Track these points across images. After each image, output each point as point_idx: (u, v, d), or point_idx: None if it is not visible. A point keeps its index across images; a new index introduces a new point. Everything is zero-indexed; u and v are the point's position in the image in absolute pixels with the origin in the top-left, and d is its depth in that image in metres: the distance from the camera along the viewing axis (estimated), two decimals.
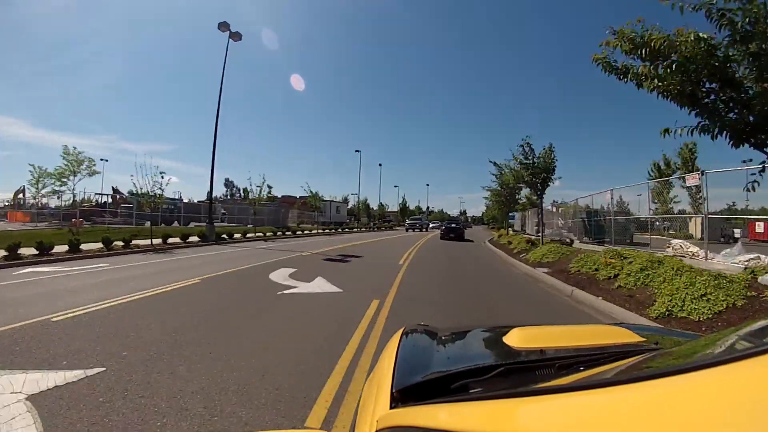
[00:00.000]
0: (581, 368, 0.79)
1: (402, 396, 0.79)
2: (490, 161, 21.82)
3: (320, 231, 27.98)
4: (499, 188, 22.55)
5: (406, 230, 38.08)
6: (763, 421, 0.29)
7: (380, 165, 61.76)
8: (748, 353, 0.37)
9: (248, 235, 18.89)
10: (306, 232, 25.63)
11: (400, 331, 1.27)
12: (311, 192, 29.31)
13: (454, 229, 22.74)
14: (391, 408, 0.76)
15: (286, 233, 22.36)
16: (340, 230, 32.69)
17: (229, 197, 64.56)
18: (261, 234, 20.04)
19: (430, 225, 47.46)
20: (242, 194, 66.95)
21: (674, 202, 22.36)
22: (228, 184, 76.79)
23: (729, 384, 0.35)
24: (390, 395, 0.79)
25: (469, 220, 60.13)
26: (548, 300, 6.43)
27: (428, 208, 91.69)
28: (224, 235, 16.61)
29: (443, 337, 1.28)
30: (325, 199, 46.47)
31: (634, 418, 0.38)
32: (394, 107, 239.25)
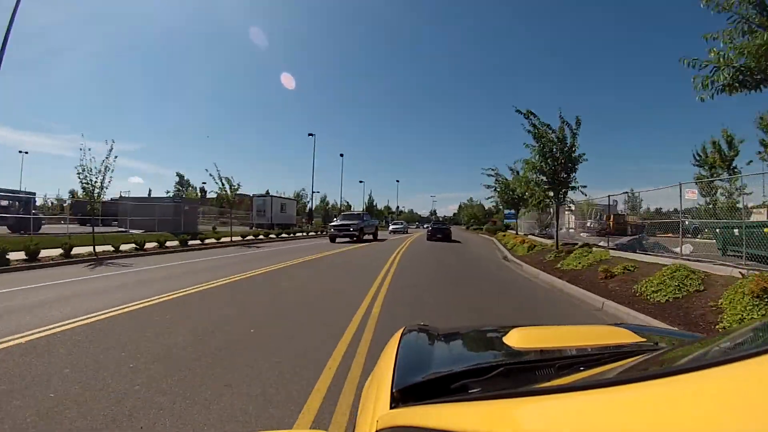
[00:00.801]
0: (581, 368, 0.79)
1: (402, 396, 0.79)
2: (518, 110, 12.07)
3: (237, 241, 18.72)
4: (538, 159, 11.91)
5: (332, 240, 21.16)
6: (763, 421, 0.29)
7: (341, 155, 46.49)
8: (748, 353, 0.37)
9: (73, 251, 10.56)
10: (212, 242, 17.20)
11: (400, 331, 1.27)
12: (221, 180, 18.79)
13: (441, 229, 24.73)
14: (391, 408, 0.76)
15: (167, 245, 14.10)
16: (275, 236, 22.71)
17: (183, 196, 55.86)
18: (112, 248, 11.93)
19: (392, 227, 35.48)
20: (198, 193, 57.89)
21: (744, 194, 15.66)
22: (183, 182, 66.73)
23: (729, 384, 0.35)
24: (390, 395, 0.79)
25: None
26: None
27: (398, 207, 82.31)
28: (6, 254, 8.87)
29: (443, 337, 1.28)
30: (262, 194, 36.28)
31: (634, 418, 0.38)
32: (363, 100, 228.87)
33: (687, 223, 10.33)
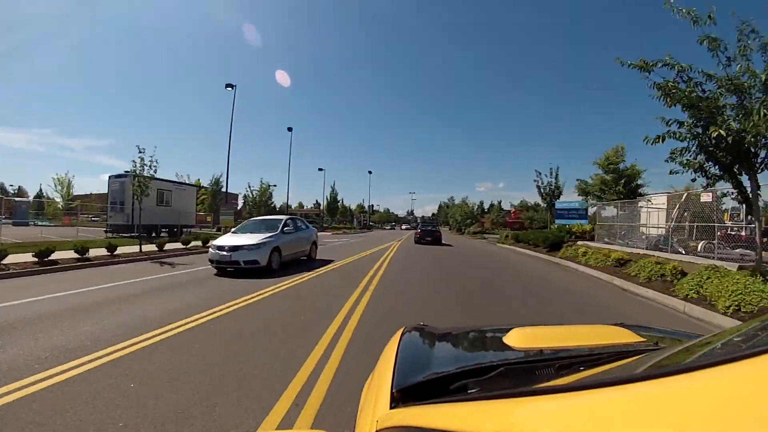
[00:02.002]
0: (581, 368, 0.79)
1: (402, 396, 0.79)
2: None
3: None
4: None
5: None
6: (763, 421, 0.29)
7: (290, 130, 33.85)
8: (748, 353, 0.37)
9: None
10: None
11: (400, 331, 1.27)
12: None
13: (431, 232, 21.86)
14: (391, 408, 0.76)
15: None
16: None
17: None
18: None
19: (218, 243, 8.30)
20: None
21: None
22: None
23: (729, 384, 0.35)
24: (390, 395, 0.79)
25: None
26: None
27: (371, 206, 70.71)
28: None
29: (443, 337, 1.28)
30: (119, 174, 18.72)
31: (634, 418, 0.38)
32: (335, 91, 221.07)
33: None
